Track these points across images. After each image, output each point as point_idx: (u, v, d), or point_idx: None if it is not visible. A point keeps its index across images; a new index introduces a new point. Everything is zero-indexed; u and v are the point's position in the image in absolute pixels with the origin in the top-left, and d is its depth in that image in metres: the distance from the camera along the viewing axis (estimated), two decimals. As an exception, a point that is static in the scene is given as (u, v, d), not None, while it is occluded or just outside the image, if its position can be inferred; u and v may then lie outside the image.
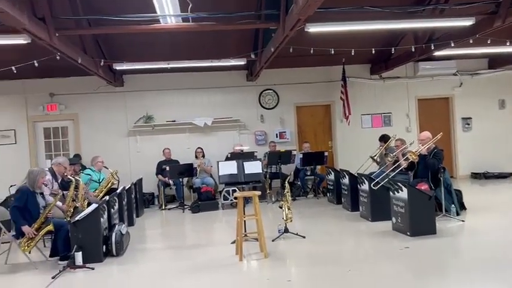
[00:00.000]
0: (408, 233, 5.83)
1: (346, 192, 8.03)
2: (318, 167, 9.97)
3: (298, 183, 9.95)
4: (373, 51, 8.40)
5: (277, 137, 10.94)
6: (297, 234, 6.16)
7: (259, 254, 5.42)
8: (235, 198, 8.41)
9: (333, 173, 8.80)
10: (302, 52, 8.06)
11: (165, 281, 4.78)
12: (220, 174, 6.11)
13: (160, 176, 9.85)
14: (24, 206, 5.47)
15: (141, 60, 8.74)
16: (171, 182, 9.61)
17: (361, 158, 8.92)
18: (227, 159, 9.42)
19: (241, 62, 9.21)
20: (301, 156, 9.77)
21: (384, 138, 8.70)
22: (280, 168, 9.60)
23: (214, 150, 10.45)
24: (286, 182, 6.38)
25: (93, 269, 5.22)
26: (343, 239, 6.27)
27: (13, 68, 7.31)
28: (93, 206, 5.66)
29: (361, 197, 7.31)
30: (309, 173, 9.96)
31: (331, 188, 8.94)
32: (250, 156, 9.28)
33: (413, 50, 8.74)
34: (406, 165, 6.95)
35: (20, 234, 5.45)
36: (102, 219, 5.70)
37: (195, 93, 10.79)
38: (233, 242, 5.82)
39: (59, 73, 9.87)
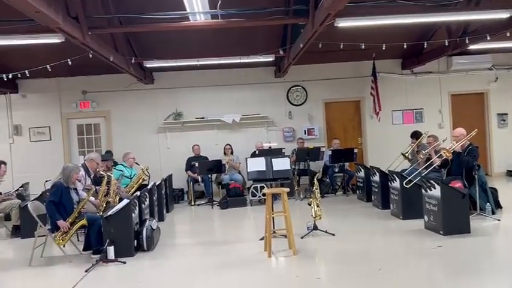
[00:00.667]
0: (441, 232, 5.69)
1: (376, 190, 7.91)
2: (347, 163, 9.86)
3: (327, 180, 9.87)
4: (405, 46, 8.20)
5: (305, 133, 10.86)
6: (326, 231, 6.11)
7: (287, 251, 5.40)
8: (264, 194, 8.42)
9: (363, 170, 8.68)
10: (331, 47, 7.97)
11: (195, 277, 4.83)
12: (248, 170, 6.10)
13: (189, 172, 9.95)
14: (59, 201, 5.62)
15: (170, 57, 8.82)
16: (199, 178, 9.69)
17: (392, 155, 8.76)
18: (254, 155, 9.44)
19: (270, 58, 9.19)
20: (330, 153, 9.67)
21: (416, 135, 8.52)
22: (308, 165, 9.53)
23: (243, 146, 10.49)
24: (315, 179, 6.34)
25: (124, 263, 5.33)
26: (373, 237, 6.18)
27: (48, 66, 7.51)
28: (125, 201, 5.77)
29: (392, 194, 7.18)
30: (337, 170, 9.86)
31: (361, 185, 8.82)
32: (278, 152, 9.24)
33: (446, 44, 8.50)
34: (439, 163, 6.79)
35: (55, 228, 5.61)
36: (133, 214, 5.79)
37: (224, 90, 10.83)
38: (261, 239, 5.82)
39: (91, 71, 10.08)
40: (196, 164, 9.23)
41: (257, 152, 9.58)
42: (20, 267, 5.53)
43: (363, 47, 7.52)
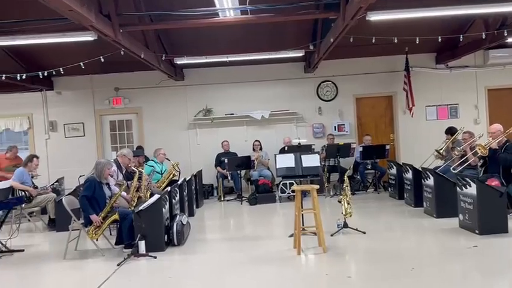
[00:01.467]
0: (477, 231, 5.50)
1: (409, 187, 7.72)
2: (378, 160, 9.68)
3: (358, 177, 9.73)
4: (440, 40, 7.95)
5: (335, 129, 10.72)
6: (356, 229, 6.01)
7: (317, 249, 5.34)
8: (293, 191, 8.37)
9: (395, 167, 8.50)
10: (362, 41, 7.81)
11: (224, 273, 4.84)
12: (277, 167, 6.06)
13: (219, 168, 10.00)
14: (92, 196, 5.73)
15: (200, 54, 8.86)
16: (228, 174, 9.71)
17: (425, 151, 8.57)
18: (283, 152, 9.38)
19: (299, 53, 9.10)
20: (360, 149, 9.52)
21: (451, 131, 8.26)
22: (338, 161, 9.41)
23: (272, 143, 10.45)
24: (346, 176, 6.23)
25: (155, 257, 5.40)
26: (405, 236, 6.04)
27: (81, 63, 7.66)
28: (156, 196, 5.84)
29: (426, 192, 7.00)
30: (369, 167, 9.70)
31: (393, 182, 8.64)
32: (307, 149, 9.17)
33: (483, 37, 8.19)
34: (478, 160, 6.56)
35: (88, 223, 5.73)
36: (163, 209, 5.86)
37: (253, 86, 10.82)
38: (291, 236, 5.78)
39: (123, 68, 10.24)
40: (226, 160, 9.26)
41: (286, 148, 9.53)
42: (55, 260, 5.68)
43: (396, 41, 7.33)
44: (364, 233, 5.94)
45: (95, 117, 10.94)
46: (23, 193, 7.35)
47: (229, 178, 9.76)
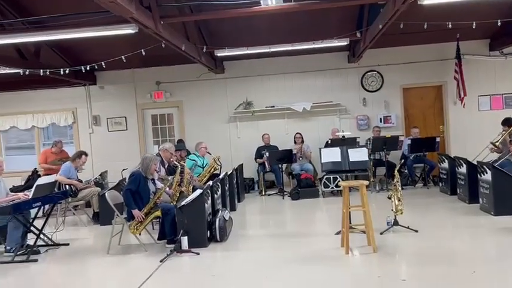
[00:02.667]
0: (543, 232, 5.06)
1: (462, 182, 7.26)
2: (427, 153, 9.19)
3: (405, 171, 9.29)
4: (499, 23, 7.36)
5: (381, 121, 10.28)
6: (408, 227, 5.67)
7: (366, 248, 5.06)
8: (337, 186, 8.07)
9: (446, 161, 8.03)
10: (411, 28, 7.37)
11: (267, 271, 4.64)
12: (322, 161, 5.80)
13: (258, 160, 9.82)
14: (136, 190, 5.67)
15: (241, 45, 8.64)
16: (267, 163, 9.40)
17: (478, 144, 8.05)
18: (327, 145, 9.07)
19: (343, 42, 8.73)
20: (409, 142, 9.07)
21: (508, 122, 7.71)
22: (386, 155, 9.01)
23: (314, 135, 10.16)
24: (396, 171, 5.88)
25: (198, 254, 5.29)
26: (461, 235, 5.65)
27: (123, 57, 7.64)
28: (198, 191, 5.72)
29: (482, 187, 6.54)
30: (418, 160, 9.23)
31: (444, 177, 8.17)
32: (352, 142, 8.81)
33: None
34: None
35: (130, 217, 5.68)
36: (206, 204, 5.73)
37: (294, 78, 10.53)
38: (337, 233, 5.52)
39: (164, 62, 10.22)
40: (266, 154, 9.06)
41: (329, 142, 9.20)
42: (99, 255, 5.68)
43: (450, 26, 6.84)
44: (417, 231, 5.59)
45: (137, 111, 10.99)
46: (69, 187, 7.43)
47: (268, 168, 9.41)
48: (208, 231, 5.71)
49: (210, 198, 6.03)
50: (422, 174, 9.21)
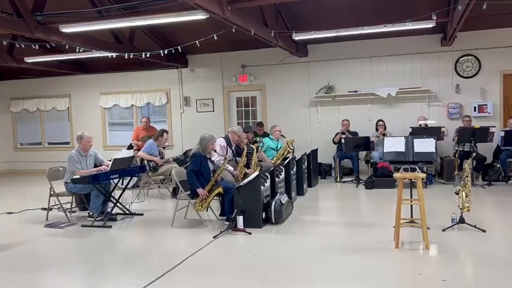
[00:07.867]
0: None
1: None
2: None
3: (498, 165, 8.46)
4: None
5: (475, 110, 9.42)
6: (475, 226, 5.24)
7: (420, 244, 4.80)
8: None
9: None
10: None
11: (309, 257, 4.65)
12: (385, 150, 5.53)
13: (335, 138, 9.61)
14: (199, 170, 5.99)
15: (323, 28, 8.38)
16: (343, 133, 9.12)
17: None
18: (411, 134, 8.58)
19: (431, 24, 8.06)
20: (502, 134, 8.20)
21: None
22: (474, 146, 8.28)
23: (399, 123, 9.68)
24: (466, 165, 5.42)
25: (250, 233, 5.47)
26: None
27: (197, 42, 7.81)
28: (255, 174, 5.87)
29: None
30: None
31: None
32: (435, 132, 8.22)
33: None
34: None
35: (194, 195, 6.03)
36: (262, 187, 5.87)
37: (379, 61, 10.06)
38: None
39: (250, 45, 10.42)
40: (343, 140, 8.87)
41: (412, 130, 8.70)
42: (164, 226, 6.15)
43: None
44: (484, 231, 5.15)
45: (223, 93, 11.43)
46: (149, 163, 8.08)
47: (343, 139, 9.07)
48: (264, 213, 5.85)
49: (268, 181, 6.14)
50: (517, 169, 8.32)
